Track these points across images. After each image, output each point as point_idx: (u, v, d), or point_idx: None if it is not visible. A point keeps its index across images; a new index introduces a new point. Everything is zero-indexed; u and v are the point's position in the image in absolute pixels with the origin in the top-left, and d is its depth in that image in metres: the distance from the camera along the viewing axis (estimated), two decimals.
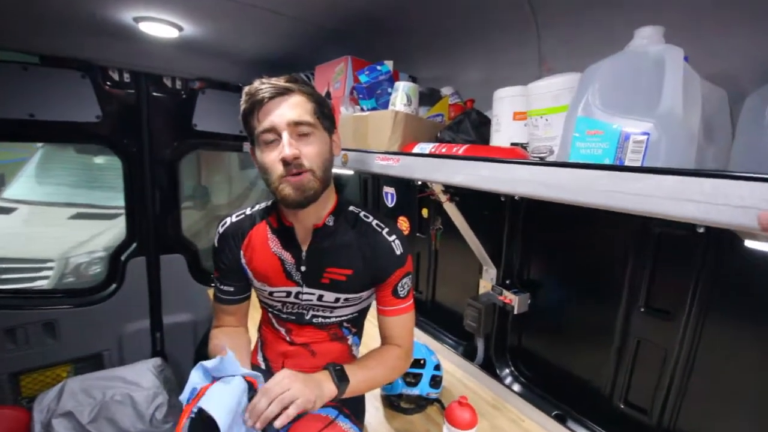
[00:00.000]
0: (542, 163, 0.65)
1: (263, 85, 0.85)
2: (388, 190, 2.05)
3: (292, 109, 0.85)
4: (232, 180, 3.94)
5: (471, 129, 0.98)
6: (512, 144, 0.89)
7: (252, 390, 0.83)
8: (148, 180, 2.09)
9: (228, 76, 2.11)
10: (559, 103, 0.75)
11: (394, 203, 2.03)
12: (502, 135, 0.91)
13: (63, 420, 1.73)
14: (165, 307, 2.28)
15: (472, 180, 0.78)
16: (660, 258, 1.06)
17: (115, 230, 3.34)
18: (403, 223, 1.93)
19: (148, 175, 2.08)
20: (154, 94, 2.01)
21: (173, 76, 2.03)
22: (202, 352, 2.38)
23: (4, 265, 3.14)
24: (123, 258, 2.13)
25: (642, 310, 1.11)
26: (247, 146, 2.15)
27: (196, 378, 0.82)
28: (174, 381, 2.21)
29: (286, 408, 0.77)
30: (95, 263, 3.24)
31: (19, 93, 1.66)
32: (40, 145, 4.02)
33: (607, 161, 0.60)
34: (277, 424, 0.76)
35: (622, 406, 1.19)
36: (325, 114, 0.91)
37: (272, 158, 0.85)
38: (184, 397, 0.80)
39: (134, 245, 2.15)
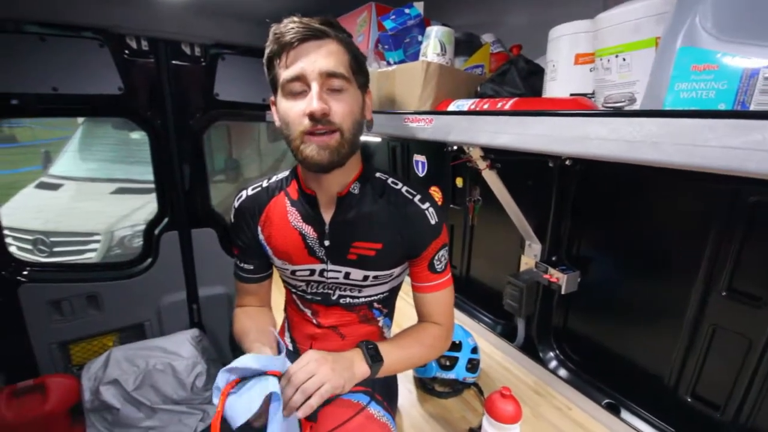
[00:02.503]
0: (627, 113, 0.49)
1: (294, 25, 0.72)
2: (419, 158, 1.90)
3: (326, 57, 0.72)
4: (263, 152, 3.92)
5: (519, 80, 0.82)
6: (572, 95, 0.72)
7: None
8: (174, 153, 2.06)
9: (246, 39, 1.99)
10: (641, 36, 0.58)
11: (425, 172, 1.88)
12: (560, 84, 0.74)
13: (110, 387, 1.81)
14: (200, 280, 2.31)
15: (523, 140, 0.63)
16: (753, 233, 0.87)
17: (153, 204, 3.44)
18: (436, 194, 1.79)
19: (175, 148, 2.05)
20: (174, 62, 1.93)
21: (191, 42, 1.93)
22: None
23: (56, 239, 3.35)
24: (156, 232, 2.15)
25: (723, 293, 0.93)
26: (270, 115, 2.07)
27: (220, 380, 0.76)
28: (211, 351, 2.27)
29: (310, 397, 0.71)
30: (138, 236, 3.37)
31: (40, 66, 1.62)
32: (81, 121, 4.17)
33: (722, 107, 0.44)
34: (300, 414, 0.71)
35: (689, 399, 1.05)
36: (361, 69, 0.80)
37: (297, 111, 0.74)
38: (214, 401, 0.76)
39: (166, 220, 2.16)
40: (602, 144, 0.52)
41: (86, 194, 3.79)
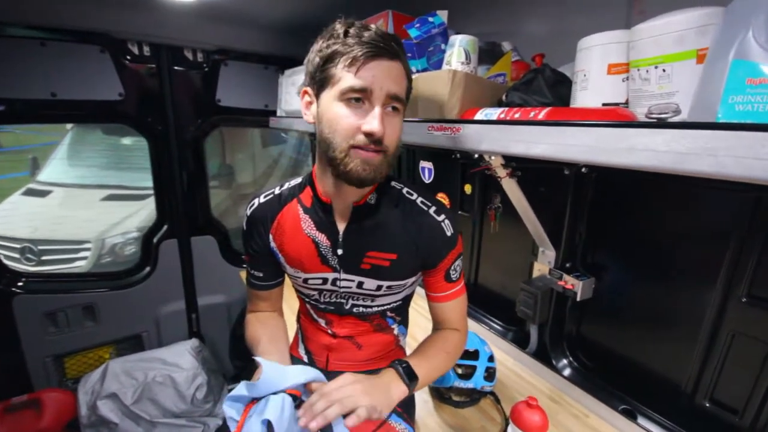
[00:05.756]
0: (681, 125, 0.49)
1: (372, 33, 0.71)
2: (425, 165, 1.89)
3: (395, 79, 0.73)
4: (256, 158, 3.87)
5: (546, 88, 0.82)
6: (604, 104, 0.73)
7: (297, 400, 0.75)
8: (175, 160, 2.02)
9: (250, 45, 1.97)
10: (683, 47, 0.58)
11: (431, 178, 1.88)
12: (591, 94, 0.74)
13: (108, 401, 1.75)
14: (199, 289, 2.26)
15: (561, 150, 0.63)
16: None
17: (145, 211, 3.35)
18: (443, 200, 1.79)
19: (175, 154, 2.01)
20: (176, 67, 1.89)
21: (194, 47, 1.90)
22: (237, 334, 2.38)
23: (44, 247, 3.24)
24: (155, 240, 2.10)
25: (744, 299, 0.94)
26: (273, 121, 2.04)
27: (232, 409, 0.73)
28: (212, 361, 2.22)
29: (350, 412, 0.70)
30: (130, 243, 3.29)
31: (39, 71, 1.58)
32: (69, 126, 4.07)
33: None
34: (349, 423, 0.69)
35: (708, 405, 1.05)
36: (409, 95, 0.81)
37: (351, 123, 0.72)
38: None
39: (165, 227, 2.11)
40: (652, 155, 0.51)
41: (76, 201, 3.69)
